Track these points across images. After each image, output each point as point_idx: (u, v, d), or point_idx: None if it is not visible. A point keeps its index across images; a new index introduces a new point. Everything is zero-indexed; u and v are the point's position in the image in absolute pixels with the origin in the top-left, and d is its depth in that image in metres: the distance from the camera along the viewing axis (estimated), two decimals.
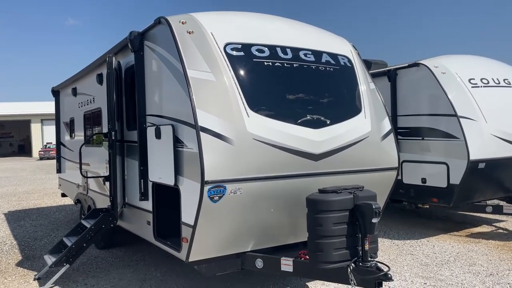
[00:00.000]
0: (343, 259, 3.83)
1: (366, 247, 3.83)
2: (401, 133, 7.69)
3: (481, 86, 7.34)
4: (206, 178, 3.88)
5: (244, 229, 4.40)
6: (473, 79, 7.35)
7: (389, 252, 6.62)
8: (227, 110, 4.14)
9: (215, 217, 4.11)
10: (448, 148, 6.98)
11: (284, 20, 5.31)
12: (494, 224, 8.40)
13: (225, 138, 4.03)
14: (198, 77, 4.15)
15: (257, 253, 4.52)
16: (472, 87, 7.23)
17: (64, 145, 9.47)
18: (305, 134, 4.44)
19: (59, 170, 9.78)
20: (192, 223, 4.06)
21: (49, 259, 5.72)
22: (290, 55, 4.70)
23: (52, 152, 34.52)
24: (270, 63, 4.55)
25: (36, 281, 5.66)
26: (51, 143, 38.41)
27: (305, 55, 4.83)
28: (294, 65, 4.69)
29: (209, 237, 4.22)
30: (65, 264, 5.53)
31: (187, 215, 4.19)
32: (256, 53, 4.52)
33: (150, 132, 4.74)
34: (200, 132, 3.93)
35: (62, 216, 10.41)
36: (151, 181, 4.83)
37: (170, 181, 4.35)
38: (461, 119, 6.81)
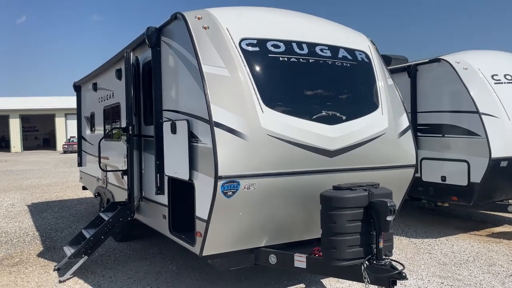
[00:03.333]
0: (357, 257, 3.82)
1: (381, 245, 3.81)
2: (421, 130, 7.56)
3: (505, 83, 7.14)
4: (219, 173, 3.90)
5: (258, 225, 4.41)
6: (496, 75, 7.16)
7: (407, 250, 6.53)
8: (242, 105, 4.15)
9: (228, 212, 4.13)
10: (469, 145, 6.83)
11: (300, 14, 5.26)
12: None
13: (239, 133, 4.04)
14: (213, 72, 4.17)
15: (271, 249, 4.53)
16: (495, 83, 7.05)
17: (85, 139, 9.66)
18: (320, 130, 4.40)
19: (80, 164, 9.99)
20: (206, 217, 4.09)
21: (69, 251, 5.86)
22: (306, 51, 4.67)
23: (75, 145, 35.20)
24: (286, 59, 4.53)
25: (56, 271, 5.80)
26: (74, 137, 39.21)
27: (322, 50, 4.78)
28: (310, 60, 4.66)
29: (222, 231, 4.25)
30: (83, 255, 5.65)
31: (201, 209, 4.22)
32: (272, 49, 4.50)
33: (166, 127, 4.78)
34: (215, 128, 3.95)
35: (83, 208, 10.64)
36: (166, 175, 4.88)
37: (185, 176, 4.38)
38: (483, 116, 6.65)
